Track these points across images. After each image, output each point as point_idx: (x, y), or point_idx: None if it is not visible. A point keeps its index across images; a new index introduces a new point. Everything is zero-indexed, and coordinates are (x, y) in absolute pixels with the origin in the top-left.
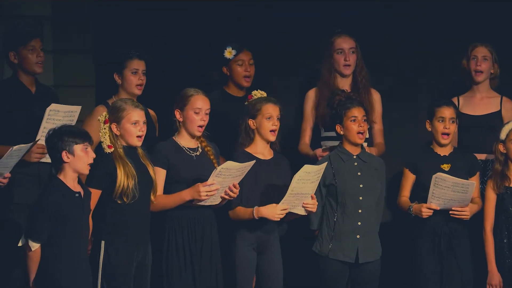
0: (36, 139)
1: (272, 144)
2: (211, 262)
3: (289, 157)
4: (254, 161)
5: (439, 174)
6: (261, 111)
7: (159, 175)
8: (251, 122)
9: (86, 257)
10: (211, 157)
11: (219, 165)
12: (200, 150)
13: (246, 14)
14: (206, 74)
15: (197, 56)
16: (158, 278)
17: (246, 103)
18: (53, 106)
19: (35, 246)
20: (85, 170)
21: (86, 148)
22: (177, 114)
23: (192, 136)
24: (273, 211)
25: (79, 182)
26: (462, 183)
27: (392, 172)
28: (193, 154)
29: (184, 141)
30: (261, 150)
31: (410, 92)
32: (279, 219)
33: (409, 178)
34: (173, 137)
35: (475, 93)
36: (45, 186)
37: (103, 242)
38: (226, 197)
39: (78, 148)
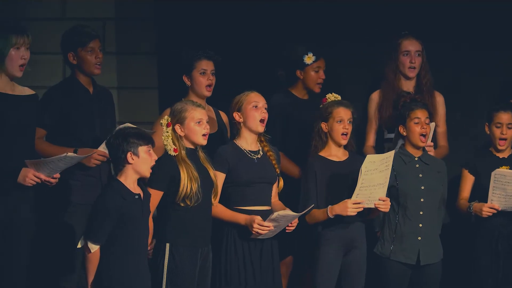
0: (94, 151)
1: (346, 146)
2: (272, 264)
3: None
4: (312, 205)
5: (498, 170)
6: (332, 114)
7: (218, 179)
8: (323, 125)
9: (145, 259)
10: (273, 162)
11: (280, 169)
12: (262, 153)
13: (306, 14)
14: (273, 73)
15: (259, 57)
16: (217, 280)
17: (320, 106)
18: (126, 126)
19: (94, 248)
20: (147, 173)
21: (149, 151)
22: (236, 116)
23: (255, 133)
24: (345, 206)
25: (139, 184)
26: None
27: (450, 173)
28: (254, 157)
29: (245, 143)
30: (335, 152)
31: (469, 93)
32: (353, 214)
33: (468, 180)
34: (234, 140)
35: None
36: (105, 187)
37: (167, 245)
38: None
39: (142, 150)
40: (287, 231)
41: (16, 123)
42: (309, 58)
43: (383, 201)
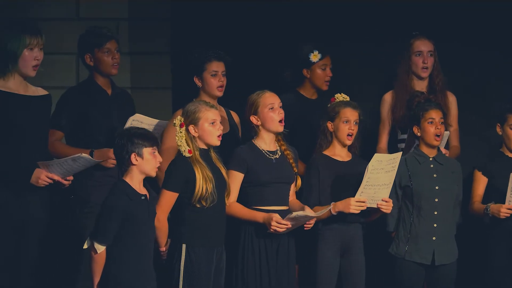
0: (110, 152)
1: (350, 148)
2: (287, 264)
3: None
4: (330, 205)
5: None
6: (339, 114)
7: (236, 179)
8: (329, 125)
9: (151, 260)
10: (291, 161)
11: (297, 169)
12: (279, 153)
13: (318, 14)
14: (280, 73)
15: (271, 56)
16: (233, 278)
17: (328, 105)
18: (137, 116)
19: (100, 248)
20: (153, 172)
21: (154, 152)
22: (254, 119)
23: (275, 133)
24: (348, 203)
25: (145, 185)
26: None
27: (463, 174)
28: (272, 157)
29: (264, 144)
30: (339, 152)
31: (480, 93)
32: (356, 212)
33: (481, 181)
34: (253, 140)
35: None
36: (111, 188)
37: (184, 246)
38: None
39: (146, 151)
40: (305, 228)
41: (27, 123)
42: (315, 56)
43: (386, 202)
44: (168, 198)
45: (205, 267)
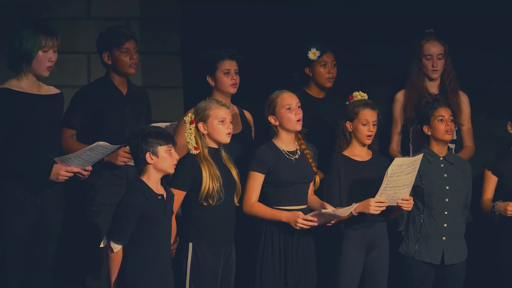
0: (123, 144)
1: (370, 145)
2: (306, 264)
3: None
4: (357, 204)
5: None
6: (358, 115)
7: (257, 180)
8: (348, 125)
9: (169, 259)
10: (310, 160)
11: (316, 168)
12: (299, 153)
13: (329, 14)
14: (288, 75)
15: (280, 57)
16: (251, 276)
17: (346, 103)
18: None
19: (116, 247)
20: (171, 169)
21: (170, 150)
22: (272, 119)
23: (293, 133)
24: (368, 204)
25: (162, 184)
26: None
27: (473, 174)
28: (292, 158)
29: (283, 144)
30: (358, 152)
31: (490, 92)
32: (376, 212)
33: (492, 180)
34: (273, 140)
35: None
36: (128, 187)
37: (190, 244)
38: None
39: (162, 149)
40: (327, 224)
41: (40, 122)
42: (313, 54)
43: (407, 200)
44: (176, 197)
45: (211, 266)
